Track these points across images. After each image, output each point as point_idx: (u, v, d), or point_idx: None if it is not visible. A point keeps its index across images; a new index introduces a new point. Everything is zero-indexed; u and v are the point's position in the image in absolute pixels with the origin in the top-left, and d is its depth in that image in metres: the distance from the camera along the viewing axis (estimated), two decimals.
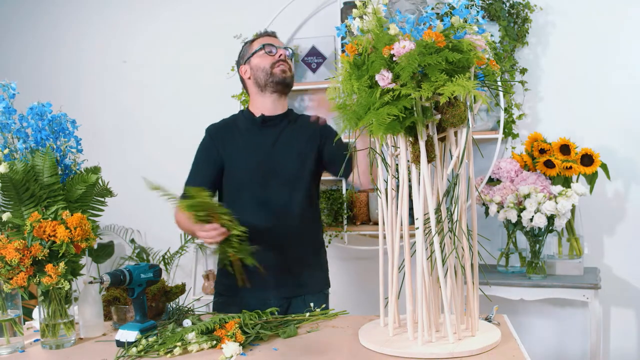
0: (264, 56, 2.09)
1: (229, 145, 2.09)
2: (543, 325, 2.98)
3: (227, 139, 2.10)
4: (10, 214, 1.65)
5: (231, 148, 2.08)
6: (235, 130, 2.12)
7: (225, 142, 2.10)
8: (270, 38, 2.15)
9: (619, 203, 2.89)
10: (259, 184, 2.04)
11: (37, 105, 1.74)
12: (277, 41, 2.16)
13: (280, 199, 2.04)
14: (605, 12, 2.85)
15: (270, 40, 2.14)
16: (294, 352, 1.52)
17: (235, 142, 2.09)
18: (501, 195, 2.58)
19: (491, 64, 1.44)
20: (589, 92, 2.88)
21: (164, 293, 1.89)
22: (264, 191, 2.04)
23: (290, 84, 2.13)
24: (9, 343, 1.61)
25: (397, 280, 1.53)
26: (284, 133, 2.10)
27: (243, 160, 2.07)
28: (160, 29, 3.44)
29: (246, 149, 2.08)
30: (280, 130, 2.10)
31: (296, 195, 2.06)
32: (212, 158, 2.09)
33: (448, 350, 1.41)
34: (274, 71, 2.07)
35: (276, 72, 2.07)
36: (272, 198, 2.04)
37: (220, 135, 2.12)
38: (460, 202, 1.45)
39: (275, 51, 2.09)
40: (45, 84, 3.57)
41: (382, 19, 1.41)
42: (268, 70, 2.08)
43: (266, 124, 2.10)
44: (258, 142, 2.08)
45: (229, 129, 2.13)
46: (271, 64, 2.08)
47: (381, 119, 1.33)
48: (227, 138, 2.10)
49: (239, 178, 2.07)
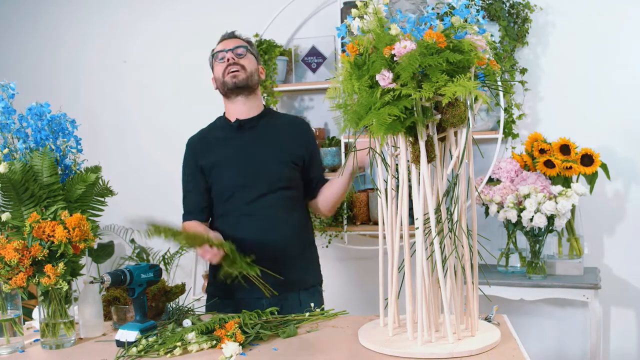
0: (217, 65, 2.06)
1: (209, 156, 2.07)
2: (543, 325, 2.98)
3: (205, 149, 2.09)
4: (10, 214, 1.65)
5: (211, 158, 2.07)
6: (212, 139, 2.11)
7: (205, 154, 2.08)
8: (224, 42, 2.09)
9: (619, 203, 2.89)
10: (244, 189, 2.03)
11: (36, 105, 1.74)
12: (231, 42, 2.08)
13: (266, 201, 2.03)
14: (605, 12, 2.84)
15: (223, 44, 2.08)
16: (293, 352, 1.52)
17: (214, 151, 2.08)
18: (501, 195, 2.58)
19: (491, 64, 1.44)
20: (589, 92, 2.88)
21: (164, 293, 1.89)
22: (248, 197, 2.03)
23: (247, 85, 2.05)
24: (8, 343, 1.61)
25: (397, 280, 1.53)
26: (262, 134, 2.08)
27: (223, 168, 2.05)
28: (160, 29, 3.44)
29: (225, 156, 2.06)
30: (258, 132, 2.08)
31: (281, 195, 2.04)
32: (195, 171, 2.09)
33: (448, 350, 1.41)
34: (225, 80, 2.04)
35: (227, 79, 2.03)
36: (258, 201, 2.02)
37: (199, 147, 2.11)
38: (460, 202, 1.45)
39: (225, 56, 2.04)
40: (45, 84, 3.57)
41: (383, 19, 1.41)
42: (221, 78, 2.05)
43: (242, 127, 2.08)
44: (236, 147, 2.06)
45: (206, 139, 2.12)
46: (222, 71, 2.04)
47: (382, 119, 1.33)
48: (206, 149, 2.09)
49: (224, 186, 2.06)
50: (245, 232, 2.01)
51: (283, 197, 2.05)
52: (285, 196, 2.06)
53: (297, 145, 2.10)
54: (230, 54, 2.04)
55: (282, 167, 2.05)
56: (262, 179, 2.03)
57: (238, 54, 2.05)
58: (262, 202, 2.03)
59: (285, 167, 2.06)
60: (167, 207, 3.39)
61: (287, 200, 2.06)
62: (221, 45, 2.08)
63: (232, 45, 2.06)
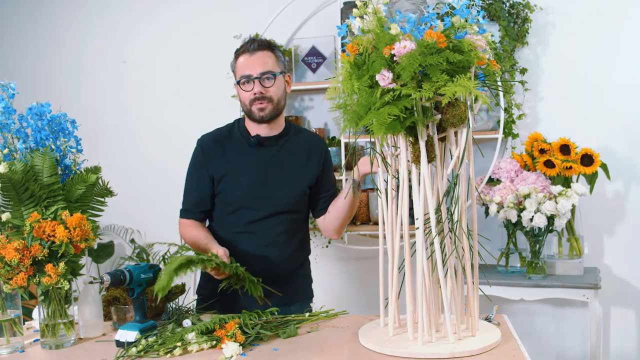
0: (243, 90, 1.97)
1: (220, 164, 2.01)
2: (543, 325, 2.98)
3: (218, 155, 2.01)
4: (10, 214, 1.65)
5: (222, 167, 2.00)
6: (227, 147, 2.03)
7: (215, 160, 2.01)
8: (248, 60, 1.95)
9: (619, 203, 2.89)
10: (249, 207, 1.99)
11: (36, 105, 1.74)
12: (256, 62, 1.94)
13: (270, 222, 2.00)
14: (605, 12, 2.84)
15: (248, 65, 1.94)
16: (294, 352, 1.52)
17: (226, 160, 2.01)
18: (501, 195, 2.57)
19: (491, 64, 1.44)
20: (589, 92, 2.88)
21: None
22: (254, 214, 1.99)
23: (274, 116, 1.98)
24: (8, 343, 1.61)
25: (397, 280, 1.53)
26: (279, 155, 2.02)
27: (234, 182, 2.00)
28: (160, 29, 3.44)
29: (238, 170, 2.00)
30: (275, 152, 2.02)
31: (286, 218, 2.02)
32: (204, 174, 2.02)
33: (448, 350, 1.41)
34: (252, 109, 1.96)
35: (253, 111, 1.96)
36: (261, 221, 1.99)
37: (212, 150, 2.02)
38: (460, 202, 1.45)
39: (252, 86, 1.94)
40: (45, 84, 3.57)
41: (383, 18, 1.41)
42: (247, 107, 1.97)
43: (261, 145, 2.01)
44: (250, 165, 2.00)
45: (221, 144, 2.03)
46: (249, 100, 1.96)
47: (382, 119, 1.33)
48: (218, 155, 2.01)
49: (229, 198, 2.01)
50: (244, 247, 1.98)
51: (287, 220, 2.02)
52: (290, 219, 2.03)
53: (312, 166, 2.06)
54: (258, 86, 1.94)
55: (292, 191, 2.01)
56: (270, 201, 1.99)
57: (265, 85, 1.94)
58: (266, 223, 2.00)
59: (295, 192, 2.02)
60: (167, 207, 3.41)
61: (291, 223, 2.04)
62: (247, 63, 1.95)
63: (258, 68, 1.94)
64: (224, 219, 2.05)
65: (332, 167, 2.17)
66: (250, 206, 1.99)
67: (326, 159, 2.12)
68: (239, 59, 1.98)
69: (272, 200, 1.99)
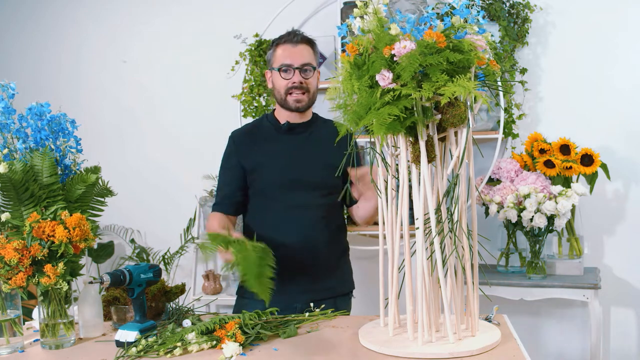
0: (281, 77, 2.01)
1: (253, 153, 2.05)
2: (543, 325, 2.98)
3: (250, 146, 2.07)
4: (10, 214, 1.65)
5: (255, 156, 2.05)
6: (258, 136, 2.09)
7: (248, 150, 2.06)
8: (291, 50, 2.01)
9: (619, 203, 2.89)
10: (284, 192, 2.01)
11: (36, 105, 1.74)
12: (298, 53, 2.01)
13: (306, 207, 2.02)
14: (605, 12, 2.84)
15: (290, 54, 2.00)
16: (294, 352, 1.52)
17: (259, 149, 2.06)
18: (501, 195, 2.58)
19: (491, 64, 1.44)
20: (589, 92, 2.88)
21: (164, 293, 1.89)
22: (290, 199, 2.01)
23: (308, 107, 2.07)
24: (8, 343, 1.61)
25: (397, 280, 1.53)
26: (309, 140, 2.07)
27: (268, 168, 2.03)
28: (160, 29, 3.44)
29: (271, 156, 2.04)
30: (306, 138, 2.07)
31: (322, 203, 2.03)
32: (235, 166, 2.07)
33: (448, 351, 1.40)
34: (287, 99, 2.02)
35: (289, 100, 2.02)
36: (297, 206, 2.01)
37: (243, 142, 2.08)
38: (460, 202, 1.45)
39: (292, 74, 2.00)
40: (45, 84, 3.56)
41: (383, 19, 1.41)
42: (282, 95, 2.02)
43: (292, 131, 2.06)
44: (283, 150, 2.05)
45: (252, 135, 2.09)
46: (286, 89, 2.01)
47: (382, 119, 1.33)
48: (250, 145, 2.07)
49: (264, 186, 2.04)
50: (284, 234, 1.98)
51: (324, 204, 2.04)
52: (326, 203, 2.04)
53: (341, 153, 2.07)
54: (298, 76, 2.00)
55: (325, 173, 2.02)
56: (304, 183, 2.02)
57: (305, 77, 2.01)
58: (303, 207, 2.01)
59: (329, 174, 2.01)
60: (168, 207, 3.42)
61: (328, 207, 2.05)
62: (288, 52, 2.01)
63: (299, 59, 2.00)
64: (260, 210, 2.06)
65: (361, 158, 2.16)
66: (285, 191, 2.01)
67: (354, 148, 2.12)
68: (278, 48, 2.03)
69: (306, 182, 2.02)
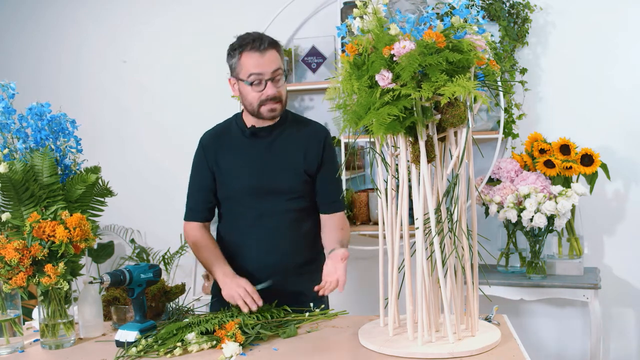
0: (252, 89, 1.90)
1: (220, 160, 2.02)
2: (543, 325, 2.98)
3: (218, 150, 2.03)
4: (10, 214, 1.65)
5: (222, 161, 2.02)
6: (226, 141, 2.04)
7: (216, 154, 2.03)
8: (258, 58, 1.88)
9: (619, 203, 2.89)
10: (252, 199, 1.99)
11: (36, 105, 1.74)
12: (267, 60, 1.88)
13: (274, 213, 1.99)
14: (605, 12, 2.84)
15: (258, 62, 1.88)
16: (294, 352, 1.52)
17: (226, 154, 2.02)
18: (501, 195, 2.57)
19: (491, 64, 1.44)
20: (589, 92, 2.88)
21: (164, 293, 1.89)
22: (257, 205, 1.99)
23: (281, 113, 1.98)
24: (8, 343, 1.61)
25: (397, 280, 1.53)
26: (275, 143, 2.01)
27: (234, 176, 2.01)
28: (160, 29, 3.44)
29: (235, 163, 2.01)
30: (271, 141, 2.01)
31: (290, 208, 2.01)
32: (206, 171, 2.04)
33: (448, 350, 1.41)
34: (261, 110, 1.93)
35: (263, 111, 1.93)
36: (265, 212, 1.99)
37: (212, 146, 2.04)
38: (460, 202, 1.45)
39: (264, 86, 1.89)
40: (45, 84, 3.56)
41: (383, 19, 1.41)
42: (255, 107, 1.93)
43: (256, 135, 2.01)
44: (248, 156, 2.01)
45: (220, 139, 2.05)
46: (259, 101, 1.91)
47: (381, 119, 1.33)
48: (218, 150, 2.03)
49: (232, 191, 2.02)
50: (253, 240, 1.99)
51: (292, 209, 2.01)
52: (295, 207, 2.01)
53: (312, 156, 2.02)
54: (271, 88, 1.89)
55: (293, 178, 2.00)
56: (272, 189, 1.99)
57: (277, 86, 1.91)
58: (271, 213, 1.99)
59: (293, 176, 2.00)
60: (168, 207, 3.41)
61: (297, 211, 2.02)
62: (256, 62, 1.88)
63: (269, 67, 1.88)
64: (230, 217, 2.05)
65: (333, 159, 2.10)
66: (253, 197, 1.99)
67: (325, 150, 2.06)
68: (243, 56, 1.90)
69: (271, 188, 1.99)
